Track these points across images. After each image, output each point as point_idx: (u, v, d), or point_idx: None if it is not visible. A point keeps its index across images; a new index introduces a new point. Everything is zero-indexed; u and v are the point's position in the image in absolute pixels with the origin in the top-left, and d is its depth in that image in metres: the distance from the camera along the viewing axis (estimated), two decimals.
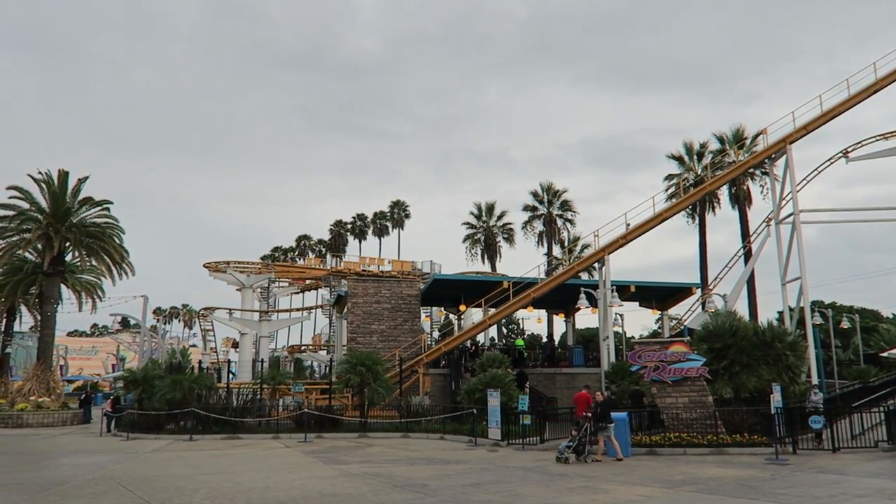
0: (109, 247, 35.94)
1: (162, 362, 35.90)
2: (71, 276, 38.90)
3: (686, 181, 44.28)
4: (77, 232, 34.89)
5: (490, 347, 37.83)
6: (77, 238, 34.69)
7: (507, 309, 29.89)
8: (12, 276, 39.52)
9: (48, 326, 35.76)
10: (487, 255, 61.39)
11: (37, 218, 35.19)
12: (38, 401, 33.49)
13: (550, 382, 31.49)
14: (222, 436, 24.12)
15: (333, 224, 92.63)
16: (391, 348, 31.75)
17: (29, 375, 35.74)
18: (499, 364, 25.77)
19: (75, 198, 36.25)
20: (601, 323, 28.16)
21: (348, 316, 33.41)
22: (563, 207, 57.40)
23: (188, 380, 26.52)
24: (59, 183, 35.79)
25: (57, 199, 35.50)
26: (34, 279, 37.92)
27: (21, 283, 38.47)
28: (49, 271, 35.17)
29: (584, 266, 30.78)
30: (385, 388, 25.38)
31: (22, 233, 35.21)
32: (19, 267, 38.61)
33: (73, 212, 36.07)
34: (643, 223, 28.44)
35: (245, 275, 54.10)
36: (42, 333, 36.64)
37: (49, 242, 34.21)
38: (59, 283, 36.68)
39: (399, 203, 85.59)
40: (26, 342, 64.07)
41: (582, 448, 16.58)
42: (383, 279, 38.71)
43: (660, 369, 19.30)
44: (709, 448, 17.77)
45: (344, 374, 25.77)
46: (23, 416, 31.90)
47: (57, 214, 35.25)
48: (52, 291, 35.62)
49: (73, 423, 33.28)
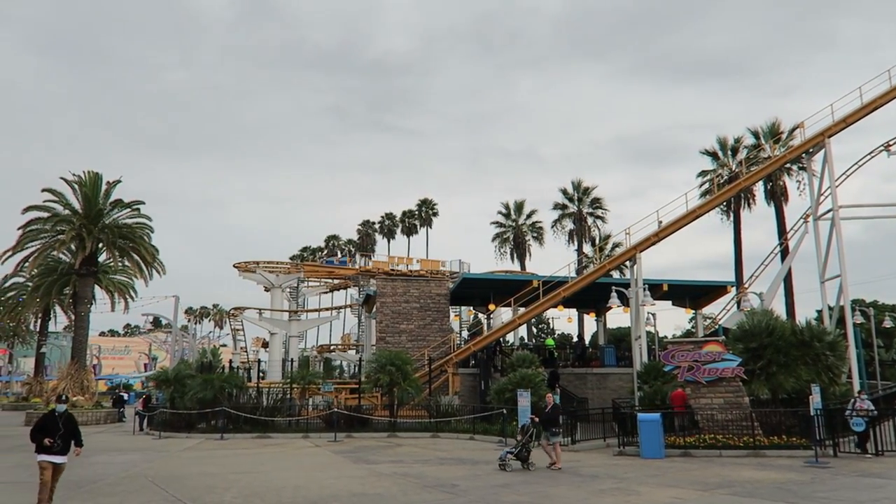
0: (141, 247, 36.65)
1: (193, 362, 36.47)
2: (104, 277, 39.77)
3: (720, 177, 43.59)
4: (109, 233, 35.63)
5: (520, 347, 37.69)
6: (109, 239, 35.43)
7: (536, 308, 29.75)
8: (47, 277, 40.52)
9: (82, 326, 36.59)
10: (517, 253, 61.24)
11: (70, 219, 36.01)
12: (72, 400, 34.28)
13: (581, 382, 31.29)
14: (253, 435, 24.43)
15: (362, 224, 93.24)
16: (420, 348, 31.83)
17: (63, 375, 36.62)
18: (529, 364, 25.69)
19: (107, 199, 37.04)
20: (633, 322, 27.89)
21: (377, 315, 33.56)
22: (594, 205, 57.00)
23: (219, 379, 26.91)
24: (92, 185, 36.59)
25: (89, 200, 36.30)
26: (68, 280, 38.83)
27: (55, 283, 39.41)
28: (82, 272, 35.98)
29: (616, 264, 30.49)
30: (414, 388, 25.45)
31: (56, 234, 36.06)
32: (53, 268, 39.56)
33: (105, 213, 36.85)
34: (676, 220, 28.09)
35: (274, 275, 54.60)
36: (76, 333, 37.49)
37: (82, 243, 34.99)
38: (93, 283, 37.51)
39: (427, 202, 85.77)
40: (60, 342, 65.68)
41: (526, 455, 15.53)
42: (412, 278, 38.80)
43: (694, 369, 19.06)
44: (745, 450, 17.49)
45: (373, 374, 25.90)
46: None
47: (89, 216, 36.04)
48: (85, 292, 36.43)
49: (107, 422, 34.00)
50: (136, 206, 37.45)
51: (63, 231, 35.52)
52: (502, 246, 61.98)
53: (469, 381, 30.01)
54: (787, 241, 39.73)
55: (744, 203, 47.43)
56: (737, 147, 47.08)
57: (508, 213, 62.47)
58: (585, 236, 56.47)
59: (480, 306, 38.52)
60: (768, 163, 30.51)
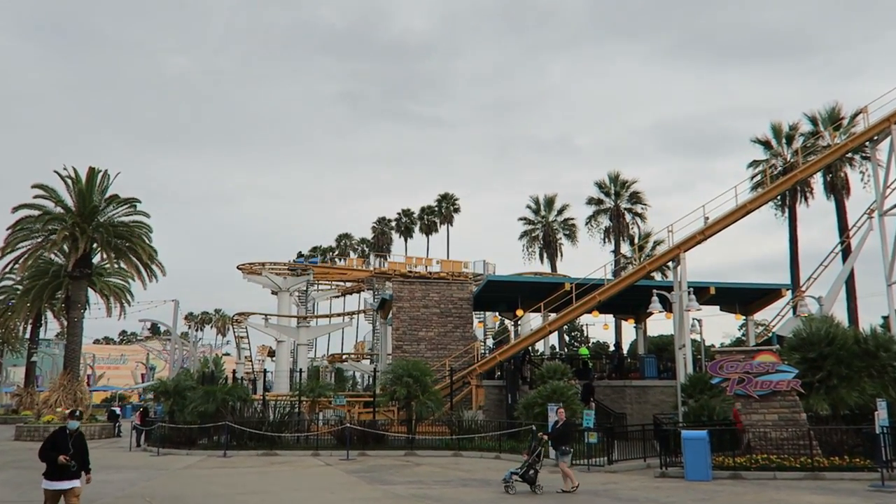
0: (138, 247, 37.12)
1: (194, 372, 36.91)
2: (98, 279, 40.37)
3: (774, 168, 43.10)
4: (104, 232, 36.14)
5: (550, 357, 37.59)
6: (104, 238, 35.93)
7: (569, 314, 29.67)
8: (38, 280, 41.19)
9: (75, 333, 37.18)
10: (547, 253, 61.10)
11: (62, 218, 36.56)
12: (64, 412, 34.86)
13: (619, 396, 31.15)
14: (258, 452, 24.65)
15: (377, 221, 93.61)
16: (440, 357, 31.88)
17: (55, 386, 37.26)
18: (560, 375, 25.61)
19: (102, 195, 37.57)
20: (676, 329, 27.70)
21: (393, 322, 33.68)
22: (633, 200, 56.69)
23: (222, 391, 27.19)
24: (87, 180, 37.10)
25: (84, 197, 36.84)
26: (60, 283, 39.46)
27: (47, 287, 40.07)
28: (75, 274, 36.54)
29: (657, 265, 30.31)
30: (434, 402, 25.50)
31: (47, 234, 36.64)
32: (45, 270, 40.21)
33: (100, 210, 37.38)
34: (724, 216, 27.86)
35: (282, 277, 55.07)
36: (69, 341, 38.11)
37: (75, 243, 35.53)
38: (87, 286, 38.09)
39: (448, 197, 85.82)
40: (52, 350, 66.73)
41: (533, 476, 15.40)
42: (431, 281, 38.86)
43: (745, 382, 18.91)
44: (802, 472, 17.31)
45: (389, 386, 25.99)
46: (49, 428, 33.17)
47: (84, 213, 36.59)
48: (78, 296, 37.00)
49: (102, 437, 34.54)
50: (133, 202, 37.95)
51: (55, 230, 36.08)
52: (531, 245, 61.88)
53: (494, 395, 29.99)
54: (849, 240, 39.21)
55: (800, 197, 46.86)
56: (792, 135, 46.55)
57: (538, 209, 62.34)
58: (623, 234, 56.16)
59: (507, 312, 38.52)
60: (828, 152, 30.13)
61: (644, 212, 56.86)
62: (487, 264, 53.89)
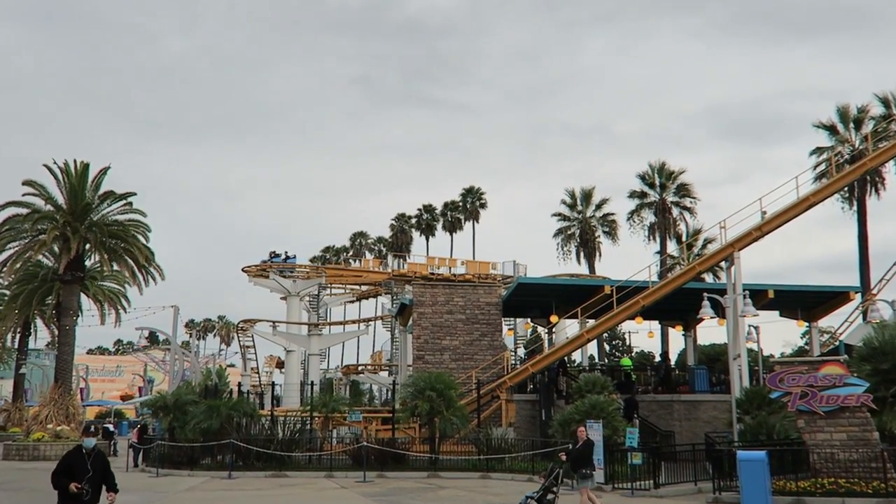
0: (134, 248, 37.55)
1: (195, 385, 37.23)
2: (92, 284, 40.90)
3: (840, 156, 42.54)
4: (98, 231, 36.60)
5: (589, 368, 37.42)
6: (98, 238, 36.38)
7: (609, 320, 29.52)
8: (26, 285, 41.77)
9: (67, 343, 37.70)
10: (584, 253, 60.93)
11: (52, 216, 37.07)
12: (56, 429, 35.34)
13: (666, 412, 30.95)
14: (266, 473, 24.83)
15: (395, 218, 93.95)
16: (466, 369, 31.87)
17: (46, 400, 37.78)
18: (600, 389, 25.52)
19: (96, 192, 38.06)
20: (730, 337, 27.45)
21: (414, 329, 33.74)
22: (681, 192, 56.36)
23: (226, 406, 27.42)
24: (78, 175, 37.60)
25: (75, 193, 37.34)
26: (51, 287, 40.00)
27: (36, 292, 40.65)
28: (67, 278, 37.04)
29: (708, 266, 30.08)
30: (460, 418, 25.51)
31: (37, 234, 37.16)
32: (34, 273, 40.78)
33: (93, 208, 37.89)
34: (784, 210, 27.58)
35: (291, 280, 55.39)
36: (60, 351, 38.65)
37: (66, 244, 36.01)
38: (79, 291, 38.61)
39: (474, 191, 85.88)
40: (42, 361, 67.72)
41: (551, 500, 15.25)
42: (456, 284, 38.83)
43: (808, 397, 18.69)
44: (875, 498, 17.06)
45: (410, 401, 26.02)
46: (39, 446, 33.73)
47: (75, 211, 37.08)
48: (70, 301, 37.51)
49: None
50: (129, 198, 38.40)
51: (44, 230, 36.56)
52: (566, 244, 61.75)
53: (527, 410, 29.95)
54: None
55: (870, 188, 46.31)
56: (861, 118, 45.99)
57: (574, 204, 62.19)
58: (670, 231, 55.85)
59: (540, 318, 38.35)
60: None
61: (693, 206, 56.64)
62: (518, 265, 53.75)
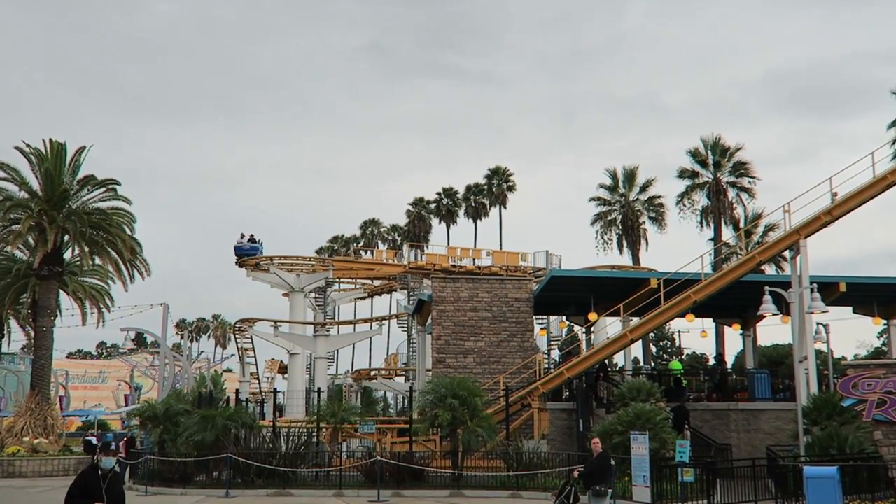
0: (118, 239, 37.80)
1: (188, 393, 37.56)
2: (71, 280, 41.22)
3: None
4: (77, 221, 36.86)
5: (633, 373, 37.34)
6: (77, 229, 36.63)
7: (656, 318, 29.42)
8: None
9: (44, 346, 38.07)
10: (627, 241, 60.74)
11: (27, 204, 37.39)
12: (33, 443, 35.77)
13: (722, 422, 30.84)
14: (268, 491, 24.99)
15: (412, 203, 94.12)
16: (493, 374, 31.91)
17: (22, 410, 38.19)
18: (646, 396, 25.49)
19: (74, 176, 38.34)
20: (796, 337, 27.25)
21: (433, 329, 33.81)
22: (738, 171, 56.06)
23: (222, 416, 27.60)
24: (54, 156, 37.87)
25: (51, 178, 37.63)
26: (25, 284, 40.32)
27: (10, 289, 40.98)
28: (44, 273, 37.39)
29: (770, 255, 29.83)
30: (486, 429, 25.53)
31: (9, 223, 37.50)
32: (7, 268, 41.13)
33: (71, 194, 38.17)
34: (858, 191, 27.31)
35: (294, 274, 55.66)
36: (36, 355, 39.04)
37: (43, 235, 36.32)
38: (57, 288, 38.96)
39: (500, 171, 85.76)
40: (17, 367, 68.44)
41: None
42: (481, 278, 38.84)
43: (886, 405, 18.59)
44: None
45: (429, 410, 26.07)
46: (15, 462, 34.20)
47: (52, 198, 37.39)
48: (48, 299, 37.87)
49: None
50: (112, 184, 38.64)
51: (18, 219, 36.87)
52: (606, 231, 61.60)
53: (562, 420, 29.95)
54: None
55: None
56: None
57: (615, 186, 61.97)
58: (725, 216, 55.55)
59: (576, 316, 38.30)
60: None
61: (752, 187, 56.32)
62: (551, 256, 53.65)
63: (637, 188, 61.88)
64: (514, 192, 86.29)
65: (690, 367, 53.37)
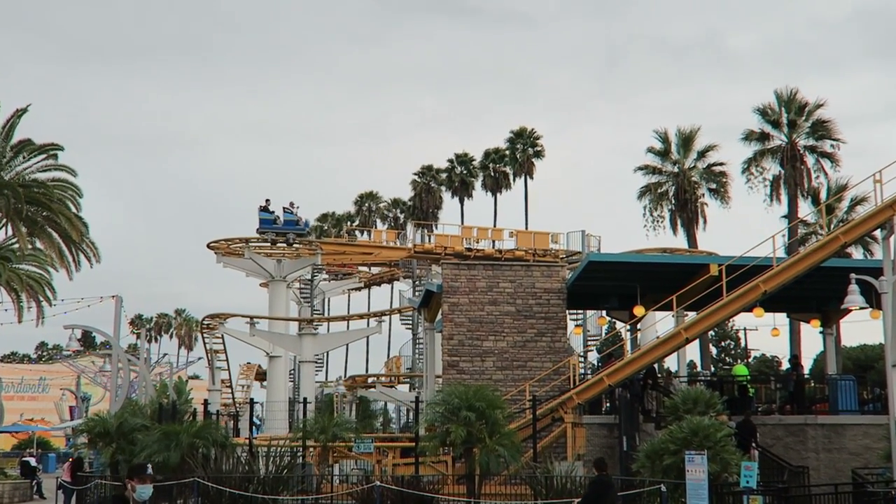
0: (61, 218, 37.86)
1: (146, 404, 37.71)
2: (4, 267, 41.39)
3: None
4: (12, 195, 36.92)
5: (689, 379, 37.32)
6: (11, 205, 36.71)
7: (717, 312, 29.36)
8: None
9: None
10: (681, 219, 60.59)
11: None
12: None
13: (797, 440, 30.79)
14: None
15: (418, 173, 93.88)
16: (517, 380, 31.92)
17: None
18: (705, 407, 25.43)
19: (7, 142, 38.38)
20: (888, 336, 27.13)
21: (444, 326, 33.82)
22: (818, 133, 55.81)
23: (188, 432, 27.70)
24: None
25: None
26: None
27: None
28: None
29: (857, 235, 29.72)
30: (508, 448, 25.52)
31: None
32: None
33: (4, 163, 38.23)
34: None
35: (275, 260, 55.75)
36: None
37: None
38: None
39: (525, 134, 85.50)
40: None
41: None
42: (502, 264, 38.82)
43: None
44: None
45: (439, 425, 26.09)
46: None
47: None
48: None
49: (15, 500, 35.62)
50: (53, 150, 38.66)
51: None
52: (656, 207, 61.42)
53: (601, 437, 30.02)
54: None
55: None
56: None
57: (667, 151, 61.76)
58: (803, 188, 55.34)
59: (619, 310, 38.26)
60: None
61: (835, 151, 56.13)
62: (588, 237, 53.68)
63: (694, 154, 61.66)
64: (543, 159, 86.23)
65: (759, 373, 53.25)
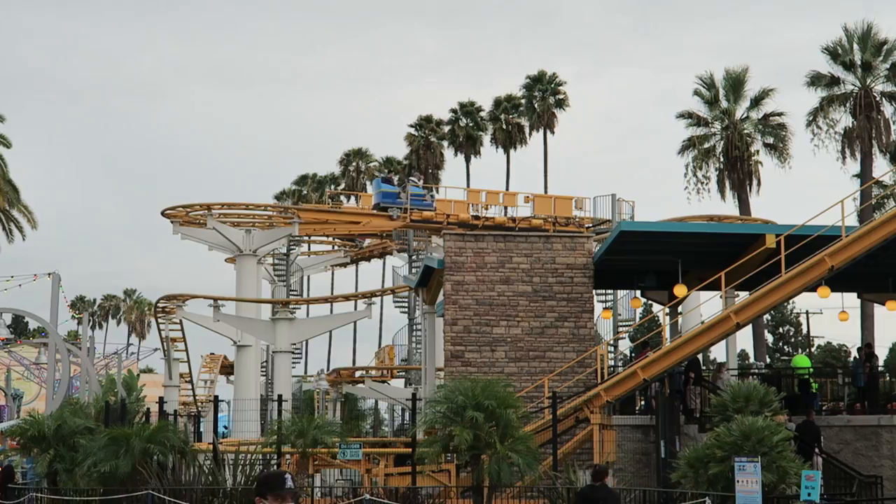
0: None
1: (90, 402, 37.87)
2: None
3: None
4: None
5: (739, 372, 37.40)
6: None
7: (774, 292, 29.43)
8: None
9: None
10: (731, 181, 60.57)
11: None
12: None
13: (869, 444, 30.89)
14: None
15: (415, 125, 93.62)
16: (533, 374, 32.00)
17: None
18: (759, 406, 25.54)
19: None
20: None
21: (447, 310, 33.85)
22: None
23: (141, 437, 27.77)
24: None
25: None
26: None
27: None
28: None
29: None
30: (523, 455, 25.63)
31: None
32: None
33: None
34: None
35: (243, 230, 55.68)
36: None
37: None
38: None
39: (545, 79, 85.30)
40: None
41: None
42: (516, 235, 38.78)
43: None
44: None
45: (441, 427, 26.20)
46: None
47: None
48: None
49: None
50: None
51: None
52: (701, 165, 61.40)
53: (635, 441, 30.19)
54: None
55: None
56: None
57: (714, 99, 61.64)
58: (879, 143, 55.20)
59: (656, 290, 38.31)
60: None
61: None
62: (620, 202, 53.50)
63: (747, 102, 61.68)
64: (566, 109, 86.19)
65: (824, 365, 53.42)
